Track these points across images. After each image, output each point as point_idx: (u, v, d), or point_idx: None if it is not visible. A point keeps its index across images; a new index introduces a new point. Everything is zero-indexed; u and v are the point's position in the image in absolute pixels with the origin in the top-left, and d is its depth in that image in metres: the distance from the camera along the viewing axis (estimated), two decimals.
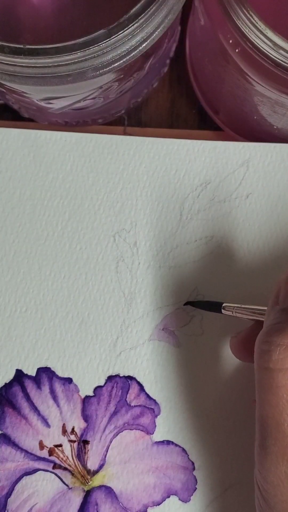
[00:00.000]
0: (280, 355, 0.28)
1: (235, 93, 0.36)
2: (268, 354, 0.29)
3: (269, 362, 0.28)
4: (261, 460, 0.29)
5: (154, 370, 0.38)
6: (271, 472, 0.29)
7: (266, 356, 0.29)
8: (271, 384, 0.28)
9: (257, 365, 0.29)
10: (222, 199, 0.39)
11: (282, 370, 0.28)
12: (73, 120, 0.41)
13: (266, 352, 0.29)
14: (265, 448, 0.29)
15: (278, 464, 0.29)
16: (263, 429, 0.29)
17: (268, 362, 0.28)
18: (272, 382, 0.28)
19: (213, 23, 0.33)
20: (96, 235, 0.39)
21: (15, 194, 0.39)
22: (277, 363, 0.28)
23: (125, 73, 0.35)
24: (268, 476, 0.29)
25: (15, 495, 0.37)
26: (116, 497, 0.37)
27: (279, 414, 0.28)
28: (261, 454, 0.29)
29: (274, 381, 0.28)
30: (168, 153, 0.39)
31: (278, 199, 0.39)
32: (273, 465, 0.29)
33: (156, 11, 0.30)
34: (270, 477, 0.29)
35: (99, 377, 0.38)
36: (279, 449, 0.29)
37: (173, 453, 0.37)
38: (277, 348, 0.28)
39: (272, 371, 0.28)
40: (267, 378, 0.29)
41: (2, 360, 0.38)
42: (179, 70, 0.43)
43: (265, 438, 0.29)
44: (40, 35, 0.35)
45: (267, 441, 0.29)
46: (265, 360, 0.29)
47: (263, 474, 0.29)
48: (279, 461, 0.29)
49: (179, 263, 0.38)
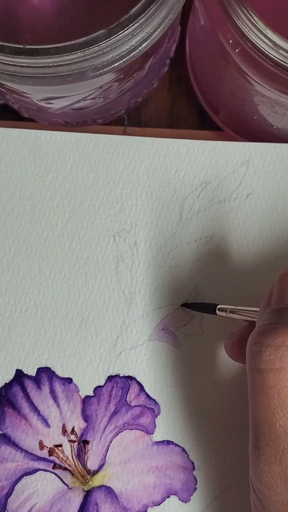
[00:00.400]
0: (270, 356, 0.28)
1: (235, 93, 0.36)
2: (259, 355, 0.29)
3: (260, 362, 0.28)
4: (254, 461, 0.29)
5: (154, 370, 0.38)
6: (265, 473, 0.29)
7: (257, 357, 0.29)
8: (262, 384, 0.28)
9: (248, 366, 0.29)
10: (222, 199, 0.39)
11: (272, 370, 0.28)
12: (73, 120, 0.41)
13: (257, 353, 0.29)
14: (258, 448, 0.29)
15: (271, 465, 0.28)
16: (255, 430, 0.29)
17: (259, 363, 0.28)
18: (264, 383, 0.28)
19: (213, 23, 0.33)
20: (96, 235, 0.39)
21: (15, 194, 0.39)
22: (267, 363, 0.28)
23: (125, 73, 0.35)
24: (262, 477, 0.29)
25: (15, 495, 0.37)
26: (116, 497, 0.37)
27: (271, 414, 0.28)
28: (255, 455, 0.29)
29: (265, 382, 0.28)
30: (168, 153, 0.39)
31: (278, 199, 0.39)
32: (266, 466, 0.29)
33: (156, 11, 0.30)
34: (264, 478, 0.29)
35: (99, 377, 0.38)
36: (271, 450, 0.28)
37: (173, 453, 0.37)
38: (268, 349, 0.28)
39: (263, 371, 0.28)
40: (258, 378, 0.29)
41: (2, 360, 0.38)
42: (179, 70, 0.43)
43: (258, 439, 0.29)
44: (40, 35, 0.36)
45: (260, 441, 0.29)
46: (256, 361, 0.29)
47: (257, 475, 0.29)
48: (272, 462, 0.28)
49: (179, 263, 0.38)
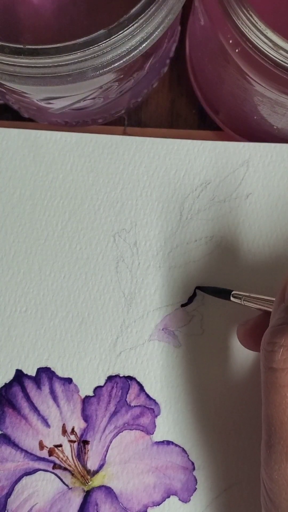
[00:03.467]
0: (283, 356, 0.29)
1: (235, 93, 0.36)
2: (272, 355, 0.29)
3: (272, 362, 0.29)
4: (266, 458, 0.30)
5: (154, 370, 0.38)
6: (276, 471, 0.29)
7: (270, 357, 0.29)
8: (275, 383, 0.29)
9: (262, 365, 0.30)
10: (222, 199, 0.39)
11: (284, 370, 0.29)
12: (73, 120, 0.41)
13: (270, 352, 0.29)
14: (269, 446, 0.29)
15: (282, 463, 0.29)
16: (268, 428, 0.30)
17: (272, 362, 0.29)
18: (276, 382, 0.29)
19: (213, 23, 0.33)
20: (96, 235, 0.39)
21: (15, 194, 0.39)
22: (280, 363, 0.29)
23: (125, 73, 0.35)
24: (272, 474, 0.29)
25: (15, 495, 0.37)
26: (116, 497, 0.36)
27: (282, 413, 0.29)
28: (266, 453, 0.30)
29: (278, 381, 0.29)
30: (168, 153, 0.39)
31: (278, 199, 0.39)
32: (277, 464, 0.29)
33: (156, 11, 0.30)
34: (275, 476, 0.29)
35: (99, 377, 0.38)
36: (283, 448, 0.29)
37: (173, 453, 0.37)
38: (281, 349, 0.29)
39: (276, 371, 0.29)
40: (271, 377, 0.29)
41: (2, 360, 0.38)
42: (179, 70, 0.43)
43: (269, 436, 0.29)
44: (40, 35, 0.35)
45: (272, 439, 0.29)
46: (269, 361, 0.29)
47: (268, 473, 0.30)
48: (283, 460, 0.29)
49: (179, 263, 0.38)
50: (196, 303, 0.38)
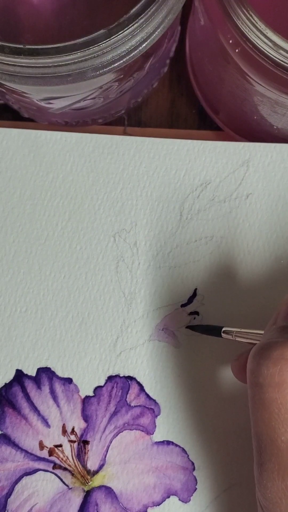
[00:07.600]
0: (269, 370, 0.28)
1: (235, 93, 0.36)
2: (258, 370, 0.28)
3: (259, 377, 0.28)
4: (258, 477, 0.29)
5: (154, 370, 0.38)
6: (268, 489, 0.28)
7: (257, 371, 0.28)
8: (262, 399, 0.28)
9: (249, 381, 0.29)
10: (222, 199, 0.39)
11: (271, 385, 0.28)
12: (73, 120, 0.41)
13: (256, 367, 0.28)
14: (261, 464, 0.29)
15: (274, 481, 0.28)
16: (258, 445, 0.29)
17: (258, 377, 0.28)
18: (263, 397, 0.28)
19: (213, 23, 0.33)
20: (96, 235, 0.39)
21: (15, 194, 0.39)
22: (266, 377, 0.28)
23: (125, 73, 0.35)
24: (266, 493, 0.28)
25: (15, 495, 0.37)
26: (116, 497, 0.37)
27: (272, 430, 0.28)
28: (258, 471, 0.29)
29: (265, 396, 0.28)
30: (168, 153, 0.39)
31: (278, 199, 0.39)
32: (269, 482, 0.28)
33: (156, 11, 0.30)
34: (268, 494, 0.28)
35: (99, 377, 0.38)
36: (274, 466, 0.28)
37: (173, 453, 0.37)
38: (266, 362, 0.28)
39: (262, 386, 0.28)
40: (258, 393, 0.28)
41: (2, 360, 0.38)
42: (179, 70, 0.43)
43: (260, 454, 0.29)
44: (40, 35, 0.36)
45: (262, 457, 0.28)
46: (256, 376, 0.28)
47: (261, 491, 0.29)
48: (275, 478, 0.28)
49: (179, 263, 0.38)
50: (196, 303, 0.38)
